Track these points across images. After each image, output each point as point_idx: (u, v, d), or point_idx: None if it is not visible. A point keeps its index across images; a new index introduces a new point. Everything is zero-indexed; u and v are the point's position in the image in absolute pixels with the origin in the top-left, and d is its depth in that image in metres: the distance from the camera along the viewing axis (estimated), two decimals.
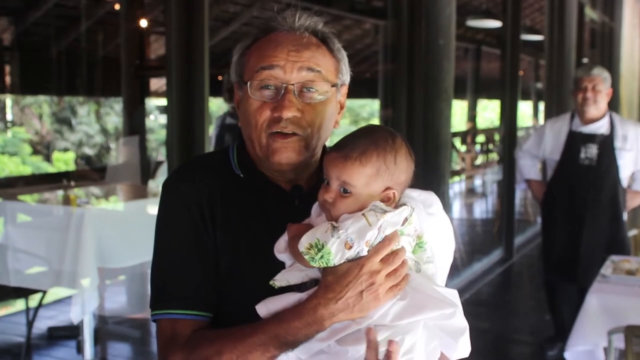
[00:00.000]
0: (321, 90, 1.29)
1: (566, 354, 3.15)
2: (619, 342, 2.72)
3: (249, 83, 1.29)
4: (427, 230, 1.21)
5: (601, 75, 3.89)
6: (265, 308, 1.20)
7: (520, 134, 8.36)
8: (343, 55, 1.36)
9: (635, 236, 4.01)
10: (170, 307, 1.27)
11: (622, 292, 3.10)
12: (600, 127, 3.91)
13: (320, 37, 1.33)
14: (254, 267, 1.27)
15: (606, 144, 3.89)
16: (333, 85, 1.31)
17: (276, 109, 1.26)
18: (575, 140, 3.94)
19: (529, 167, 4.24)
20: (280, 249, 1.23)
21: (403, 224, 1.16)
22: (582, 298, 4.16)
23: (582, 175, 3.92)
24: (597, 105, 3.87)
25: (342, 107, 1.39)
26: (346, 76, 1.37)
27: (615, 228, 3.96)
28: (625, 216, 4.00)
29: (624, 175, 3.94)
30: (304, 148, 1.29)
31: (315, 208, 1.27)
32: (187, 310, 1.27)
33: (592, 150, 3.89)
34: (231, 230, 1.29)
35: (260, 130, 1.28)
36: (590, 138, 3.91)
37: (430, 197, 1.26)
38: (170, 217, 1.31)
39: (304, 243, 1.14)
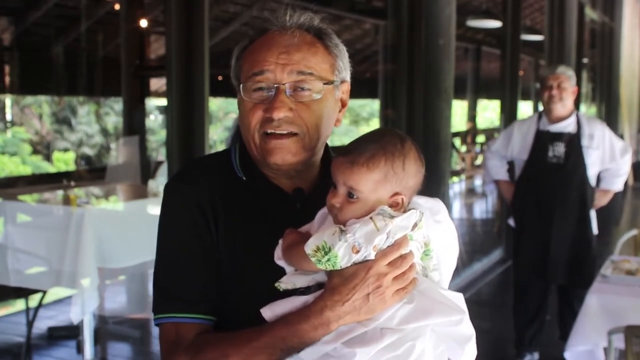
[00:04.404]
0: (315, 89, 1.27)
1: (566, 354, 3.15)
2: (619, 342, 2.72)
3: (241, 86, 1.28)
4: (434, 237, 1.21)
5: (566, 73, 3.93)
6: (270, 311, 1.19)
7: None
8: (341, 50, 1.33)
9: (635, 236, 4.01)
10: (174, 310, 1.26)
11: (622, 292, 3.10)
12: (568, 126, 3.94)
13: (315, 33, 1.30)
14: (256, 269, 1.26)
15: (573, 142, 3.92)
16: (327, 83, 1.29)
17: (268, 110, 1.25)
18: (543, 139, 3.97)
19: (497, 168, 4.25)
20: (279, 256, 1.23)
21: (413, 228, 1.16)
22: (561, 298, 4.25)
23: (551, 173, 3.94)
24: (564, 103, 3.90)
25: (344, 105, 1.36)
26: (345, 73, 1.34)
27: (582, 226, 3.98)
28: (593, 214, 4.03)
29: (592, 173, 3.97)
30: (301, 148, 1.27)
31: (319, 216, 1.25)
32: (191, 313, 1.25)
33: (560, 149, 3.92)
34: (233, 232, 1.28)
35: (254, 131, 1.27)
36: (558, 136, 3.94)
37: (437, 205, 1.25)
38: (172, 219, 1.30)
39: (310, 245, 1.13)
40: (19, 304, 4.74)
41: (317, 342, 1.16)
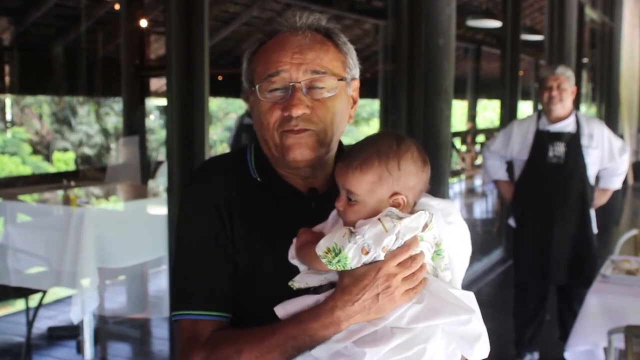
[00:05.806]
0: (329, 86, 1.30)
1: (566, 354, 3.15)
2: (619, 342, 2.72)
3: (257, 86, 1.31)
4: (446, 238, 1.23)
5: (565, 74, 3.94)
6: (283, 310, 1.22)
7: None
8: (349, 48, 1.37)
9: (635, 236, 4.01)
10: (191, 307, 1.30)
11: (622, 292, 3.10)
12: (567, 126, 3.96)
13: (324, 33, 1.34)
14: (271, 268, 1.29)
15: (573, 142, 3.93)
16: (341, 79, 1.32)
17: (286, 108, 1.28)
18: (543, 139, 3.98)
19: (496, 168, 4.26)
20: (293, 255, 1.25)
21: (423, 229, 1.18)
22: (560, 298, 4.25)
23: (551, 173, 3.95)
24: (563, 104, 3.92)
25: (355, 102, 1.40)
26: (355, 70, 1.38)
27: (582, 226, 3.99)
28: (592, 213, 4.03)
29: (591, 173, 3.98)
30: (318, 143, 1.30)
31: (332, 216, 1.28)
32: (208, 311, 1.29)
33: (560, 149, 3.93)
34: (248, 232, 1.31)
35: (273, 130, 1.30)
36: (558, 136, 3.95)
37: (449, 206, 1.27)
38: (189, 219, 1.34)
39: (321, 247, 1.16)
40: (19, 304, 4.74)
41: (329, 340, 1.18)
